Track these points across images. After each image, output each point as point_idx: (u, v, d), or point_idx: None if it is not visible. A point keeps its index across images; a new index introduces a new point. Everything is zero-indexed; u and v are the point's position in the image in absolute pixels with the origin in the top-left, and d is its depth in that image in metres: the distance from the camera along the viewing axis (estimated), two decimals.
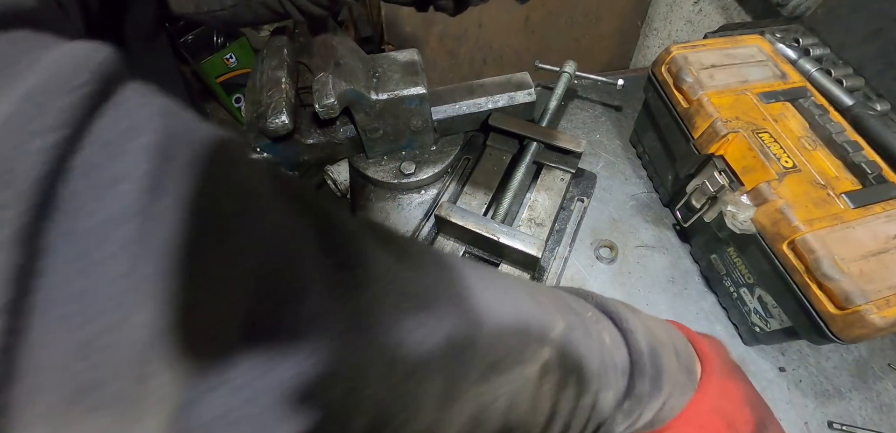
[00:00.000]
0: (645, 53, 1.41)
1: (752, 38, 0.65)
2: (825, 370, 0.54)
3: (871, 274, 0.42)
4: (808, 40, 0.72)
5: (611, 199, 0.69)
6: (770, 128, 0.53)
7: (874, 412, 0.52)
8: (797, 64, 0.66)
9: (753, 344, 0.56)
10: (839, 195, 0.47)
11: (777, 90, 0.58)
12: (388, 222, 0.68)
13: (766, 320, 0.52)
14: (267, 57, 0.60)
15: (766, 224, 0.47)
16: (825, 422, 0.51)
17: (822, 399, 0.52)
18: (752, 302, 0.53)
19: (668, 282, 0.61)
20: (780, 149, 0.51)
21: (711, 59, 0.60)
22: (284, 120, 0.59)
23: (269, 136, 0.60)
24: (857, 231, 0.45)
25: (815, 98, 0.58)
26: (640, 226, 0.66)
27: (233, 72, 1.68)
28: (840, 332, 0.42)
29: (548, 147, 0.66)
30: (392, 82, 0.62)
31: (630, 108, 0.81)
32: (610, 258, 0.62)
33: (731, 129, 0.52)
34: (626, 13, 1.33)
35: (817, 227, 0.44)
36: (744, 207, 0.49)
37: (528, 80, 0.71)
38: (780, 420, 0.51)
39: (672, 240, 0.65)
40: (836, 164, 0.51)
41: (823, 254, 0.43)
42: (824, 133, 0.53)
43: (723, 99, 0.55)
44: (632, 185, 0.71)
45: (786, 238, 0.45)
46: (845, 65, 0.69)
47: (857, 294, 0.40)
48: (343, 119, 0.67)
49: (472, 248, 0.60)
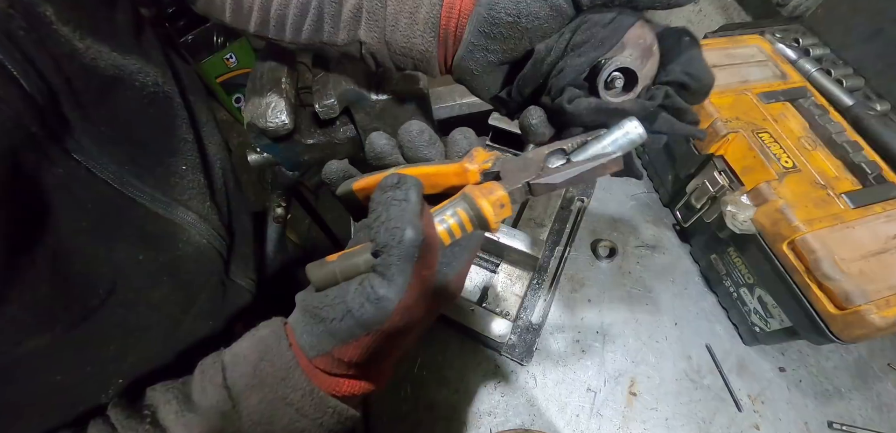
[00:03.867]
0: None
1: (752, 38, 0.65)
2: (825, 370, 0.54)
3: (871, 274, 0.42)
4: (808, 40, 0.72)
5: (611, 199, 0.69)
6: (770, 128, 0.53)
7: (874, 412, 0.52)
8: (797, 64, 0.66)
9: (753, 344, 0.56)
10: (839, 195, 0.47)
11: (777, 90, 0.58)
12: None
13: (766, 320, 0.52)
14: (267, 57, 0.60)
15: (766, 224, 0.47)
16: (825, 422, 0.51)
17: (822, 399, 0.52)
18: (752, 302, 0.53)
19: (668, 282, 0.61)
20: (780, 149, 0.51)
21: (711, 59, 0.60)
22: (284, 120, 0.59)
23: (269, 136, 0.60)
24: (857, 231, 0.45)
25: (815, 98, 0.58)
26: (640, 226, 0.66)
27: (233, 72, 1.68)
28: (840, 332, 0.42)
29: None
30: (392, 82, 0.62)
31: None
32: (610, 258, 0.62)
33: (731, 129, 0.52)
34: None
35: (817, 227, 0.44)
36: (744, 207, 0.49)
37: None
38: (779, 420, 0.51)
39: (672, 240, 0.65)
40: (836, 164, 0.51)
41: (823, 254, 0.43)
42: (824, 133, 0.53)
43: (723, 99, 0.55)
44: (632, 185, 0.71)
45: (786, 238, 0.45)
46: (845, 65, 0.69)
47: (857, 294, 0.41)
48: (343, 119, 0.67)
49: None
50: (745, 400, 0.52)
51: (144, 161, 0.36)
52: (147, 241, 0.36)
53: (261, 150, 0.65)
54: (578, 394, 0.52)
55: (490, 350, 0.55)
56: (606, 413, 0.51)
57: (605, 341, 0.56)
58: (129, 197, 0.34)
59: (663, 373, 0.54)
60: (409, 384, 0.53)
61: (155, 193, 0.36)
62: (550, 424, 0.51)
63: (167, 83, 0.39)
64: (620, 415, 0.51)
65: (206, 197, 0.42)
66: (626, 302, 0.58)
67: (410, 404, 0.52)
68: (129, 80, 0.34)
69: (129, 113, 0.35)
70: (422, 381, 0.53)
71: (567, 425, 0.51)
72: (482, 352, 0.55)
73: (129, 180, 0.34)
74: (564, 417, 0.51)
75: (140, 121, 0.36)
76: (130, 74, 0.34)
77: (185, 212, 0.39)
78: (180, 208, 0.38)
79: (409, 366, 0.54)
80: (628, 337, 0.56)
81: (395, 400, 0.52)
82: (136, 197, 0.35)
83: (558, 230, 0.64)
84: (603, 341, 0.56)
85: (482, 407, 0.52)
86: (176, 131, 0.40)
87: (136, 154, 0.35)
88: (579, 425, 0.51)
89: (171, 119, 0.39)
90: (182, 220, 0.39)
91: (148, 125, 0.37)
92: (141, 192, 0.35)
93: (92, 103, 0.31)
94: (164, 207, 0.37)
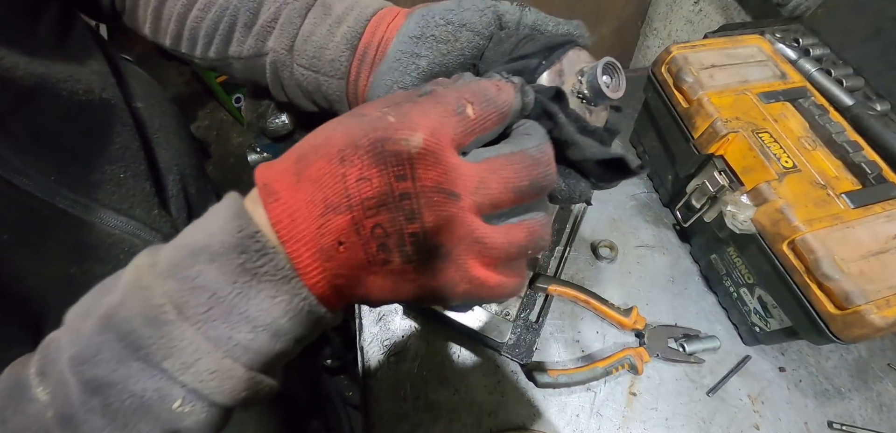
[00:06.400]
0: (645, 53, 1.41)
1: (752, 38, 0.65)
2: (825, 370, 0.54)
3: (871, 274, 0.42)
4: (808, 40, 0.72)
5: (611, 199, 0.69)
6: (770, 128, 0.53)
7: (874, 412, 0.52)
8: (797, 64, 0.66)
9: (753, 344, 0.56)
10: (839, 195, 0.47)
11: (777, 90, 0.58)
12: None
13: (766, 320, 0.52)
14: None
15: (766, 224, 0.47)
16: (825, 422, 0.51)
17: (822, 399, 0.53)
18: (752, 302, 0.53)
19: (668, 281, 0.61)
20: (780, 149, 0.51)
21: (711, 59, 0.60)
22: (284, 120, 0.59)
23: (269, 135, 0.61)
24: (857, 231, 0.45)
25: (815, 98, 0.58)
26: (640, 225, 0.66)
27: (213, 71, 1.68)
28: (840, 332, 0.42)
29: None
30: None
31: (630, 108, 0.81)
32: (610, 258, 0.62)
33: (731, 129, 0.52)
34: (626, 13, 1.33)
35: (817, 227, 0.44)
36: (744, 207, 0.49)
37: None
38: (779, 420, 0.51)
39: (672, 240, 0.65)
40: (836, 164, 0.51)
41: (823, 254, 0.43)
42: (824, 133, 0.53)
43: (723, 99, 0.55)
44: (632, 184, 0.71)
45: (786, 238, 0.45)
46: (845, 65, 0.69)
47: (857, 294, 0.41)
48: None
49: None
50: (745, 400, 0.52)
51: (76, 170, 0.35)
52: (82, 254, 0.35)
53: (261, 149, 0.65)
54: (578, 393, 0.52)
55: (490, 350, 0.55)
56: (606, 413, 0.51)
57: (604, 341, 0.56)
58: (58, 208, 0.33)
59: (663, 373, 0.54)
60: (409, 384, 0.53)
61: (89, 203, 0.35)
62: (550, 424, 0.51)
63: (107, 90, 0.38)
64: (620, 415, 0.51)
65: (153, 204, 0.41)
66: (625, 301, 0.58)
67: (410, 404, 0.52)
68: (53, 88, 0.33)
69: (54, 122, 0.34)
70: (422, 381, 0.53)
71: (567, 425, 0.51)
72: (482, 352, 0.55)
73: (57, 190, 0.33)
74: (564, 417, 0.51)
75: (68, 129, 0.35)
76: (55, 83, 0.34)
77: (126, 220, 0.38)
78: (121, 217, 0.37)
79: (409, 366, 0.54)
80: (628, 336, 0.56)
81: (395, 400, 0.52)
82: (67, 207, 0.34)
83: (558, 230, 0.64)
84: (603, 341, 0.56)
85: (482, 407, 0.52)
86: (115, 138, 0.38)
87: (65, 163, 0.34)
88: (579, 425, 0.51)
89: (109, 126, 0.38)
90: (122, 230, 0.37)
91: (79, 133, 0.36)
92: (73, 203, 0.34)
93: (8, 114, 0.31)
94: (99, 217, 0.36)
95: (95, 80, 0.37)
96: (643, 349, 0.53)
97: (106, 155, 0.37)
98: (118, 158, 0.38)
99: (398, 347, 0.56)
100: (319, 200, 0.20)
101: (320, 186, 0.20)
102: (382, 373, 0.54)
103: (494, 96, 0.22)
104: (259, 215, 0.20)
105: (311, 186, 0.20)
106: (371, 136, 0.20)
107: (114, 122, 0.39)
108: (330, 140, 0.20)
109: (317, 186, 0.20)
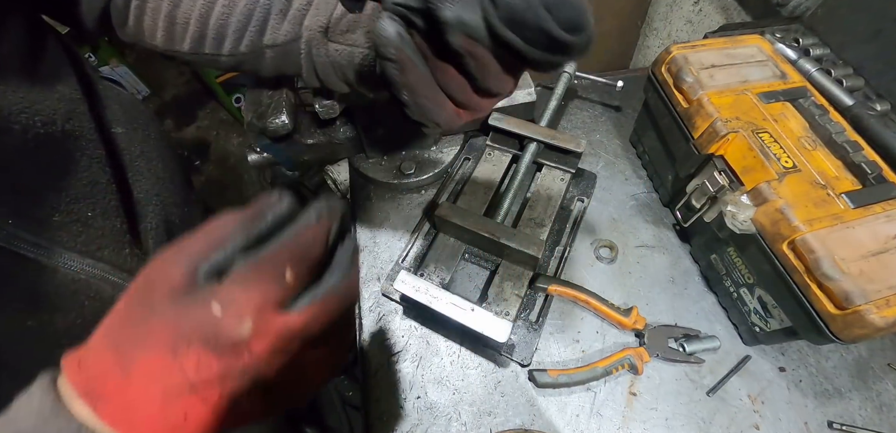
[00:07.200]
0: (645, 53, 1.41)
1: (752, 38, 0.65)
2: (825, 370, 0.54)
3: (871, 274, 0.42)
4: (808, 40, 0.72)
5: (611, 199, 0.69)
6: (770, 128, 0.53)
7: (874, 412, 0.52)
8: (797, 64, 0.66)
9: (753, 344, 0.56)
10: (839, 195, 0.47)
11: (777, 90, 0.58)
12: (387, 222, 0.68)
13: (766, 320, 0.52)
14: None
15: (766, 224, 0.47)
16: (825, 422, 0.51)
17: (822, 399, 0.52)
18: (752, 302, 0.53)
19: (668, 282, 0.61)
20: (780, 149, 0.51)
21: (711, 59, 0.60)
22: (284, 120, 0.59)
23: (269, 136, 0.60)
24: (857, 231, 0.45)
25: (815, 98, 0.58)
26: (640, 225, 0.66)
27: (233, 72, 1.68)
28: (840, 332, 0.42)
29: (548, 147, 0.66)
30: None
31: (630, 107, 0.81)
32: (610, 258, 0.62)
33: (731, 129, 0.52)
34: (626, 13, 1.33)
35: (817, 227, 0.44)
36: (744, 207, 0.49)
37: (527, 79, 0.71)
38: (779, 420, 0.51)
39: (672, 240, 0.65)
40: (836, 164, 0.51)
41: (823, 254, 0.43)
42: (824, 133, 0.53)
43: (723, 99, 0.55)
44: (632, 184, 0.71)
45: (786, 238, 0.45)
46: (845, 65, 0.69)
47: (857, 294, 0.41)
48: (343, 119, 0.67)
49: (471, 248, 0.60)
50: (745, 400, 0.52)
51: (35, 211, 0.32)
52: (40, 304, 0.32)
53: (261, 149, 0.65)
54: (578, 393, 0.52)
55: (490, 350, 0.55)
56: (606, 413, 0.51)
57: (604, 341, 0.56)
58: (13, 252, 0.30)
59: (663, 373, 0.54)
60: (409, 384, 0.53)
61: (51, 246, 0.33)
62: (550, 424, 0.51)
63: (73, 119, 0.35)
64: (620, 415, 0.51)
65: (123, 243, 0.38)
66: (625, 301, 0.58)
67: (410, 404, 0.52)
68: (4, 122, 0.30)
69: (8, 158, 0.31)
70: (421, 381, 0.53)
71: (567, 425, 0.51)
72: (482, 352, 0.55)
73: (15, 233, 0.31)
74: (564, 417, 0.51)
75: (24, 166, 0.32)
76: (9, 115, 0.31)
77: (93, 263, 0.35)
78: (87, 259, 0.35)
79: (409, 366, 0.54)
80: (628, 336, 0.56)
81: (395, 400, 0.52)
82: (26, 252, 0.31)
83: (558, 230, 0.64)
84: (603, 341, 0.56)
85: (482, 407, 0.52)
86: (80, 174, 0.35)
87: (21, 204, 0.31)
88: (579, 425, 0.51)
89: (72, 161, 0.35)
90: (88, 274, 0.35)
91: (37, 170, 0.33)
92: (33, 246, 0.32)
93: None
94: (62, 260, 0.33)
95: (61, 109, 0.34)
96: (643, 349, 0.54)
97: (70, 193, 0.35)
98: (85, 195, 0.36)
99: (398, 347, 0.56)
100: (157, 391, 0.20)
101: (154, 379, 0.20)
102: (382, 373, 0.54)
103: (310, 248, 0.23)
104: (83, 414, 0.21)
105: (144, 379, 0.20)
106: (200, 332, 0.20)
107: (78, 156, 0.36)
108: (152, 334, 0.21)
109: (150, 379, 0.20)
